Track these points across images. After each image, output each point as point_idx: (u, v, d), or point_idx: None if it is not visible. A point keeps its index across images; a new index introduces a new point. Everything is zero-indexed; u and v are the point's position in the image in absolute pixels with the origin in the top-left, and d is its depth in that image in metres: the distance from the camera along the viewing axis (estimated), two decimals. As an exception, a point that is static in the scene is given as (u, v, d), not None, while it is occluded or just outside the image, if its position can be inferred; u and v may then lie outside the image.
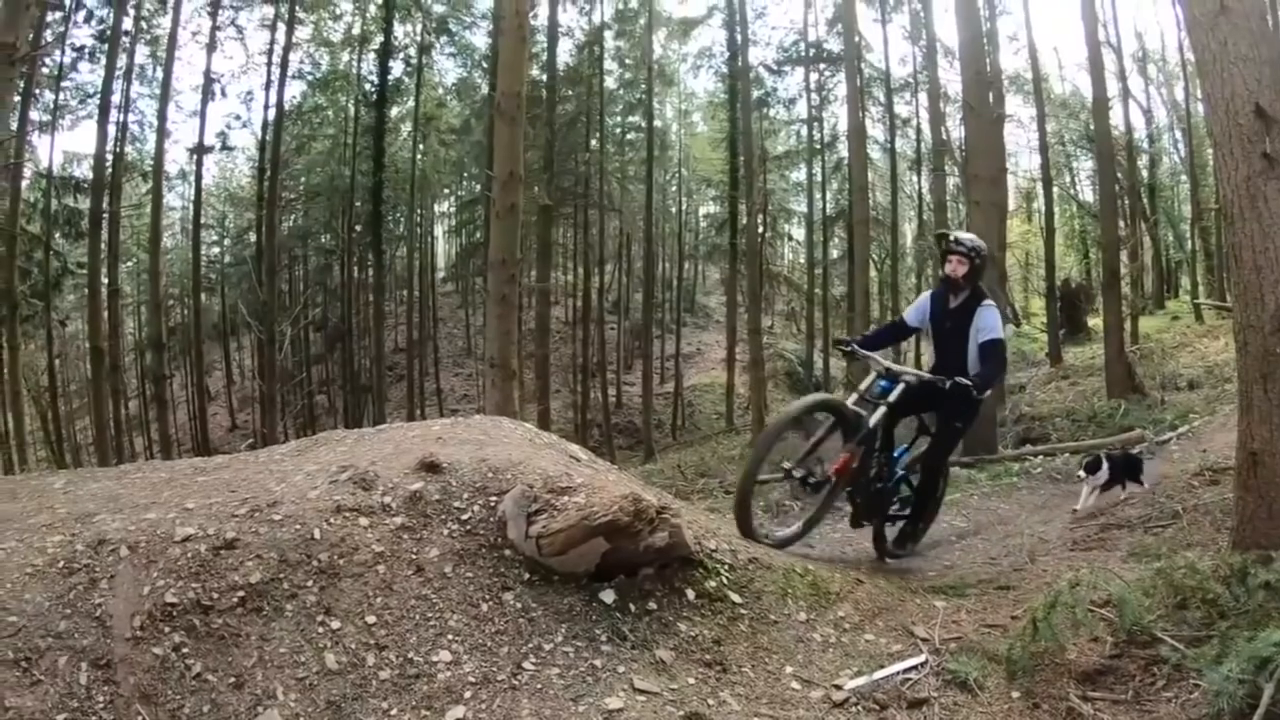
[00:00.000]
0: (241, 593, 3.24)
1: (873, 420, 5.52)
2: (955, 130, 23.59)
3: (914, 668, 3.74)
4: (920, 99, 27.34)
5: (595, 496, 3.67)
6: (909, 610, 4.35)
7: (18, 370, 21.74)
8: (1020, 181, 29.83)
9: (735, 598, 3.90)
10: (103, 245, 22.39)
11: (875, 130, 27.38)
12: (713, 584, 3.89)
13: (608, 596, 3.62)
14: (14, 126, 16.12)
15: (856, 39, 22.52)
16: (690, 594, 3.80)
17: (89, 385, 26.53)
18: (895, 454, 6.04)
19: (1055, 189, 26.76)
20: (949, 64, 23.13)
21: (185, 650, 3.06)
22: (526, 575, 3.60)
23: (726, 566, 4.04)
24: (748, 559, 4.19)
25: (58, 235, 23.70)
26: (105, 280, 22.57)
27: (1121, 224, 22.73)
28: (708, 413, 28.41)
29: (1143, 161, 27.22)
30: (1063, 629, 3.69)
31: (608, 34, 28.55)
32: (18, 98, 15.73)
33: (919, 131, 27.97)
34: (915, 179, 29.47)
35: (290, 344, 27.45)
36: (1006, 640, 3.86)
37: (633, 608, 3.64)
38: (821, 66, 28.51)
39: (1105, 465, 7.55)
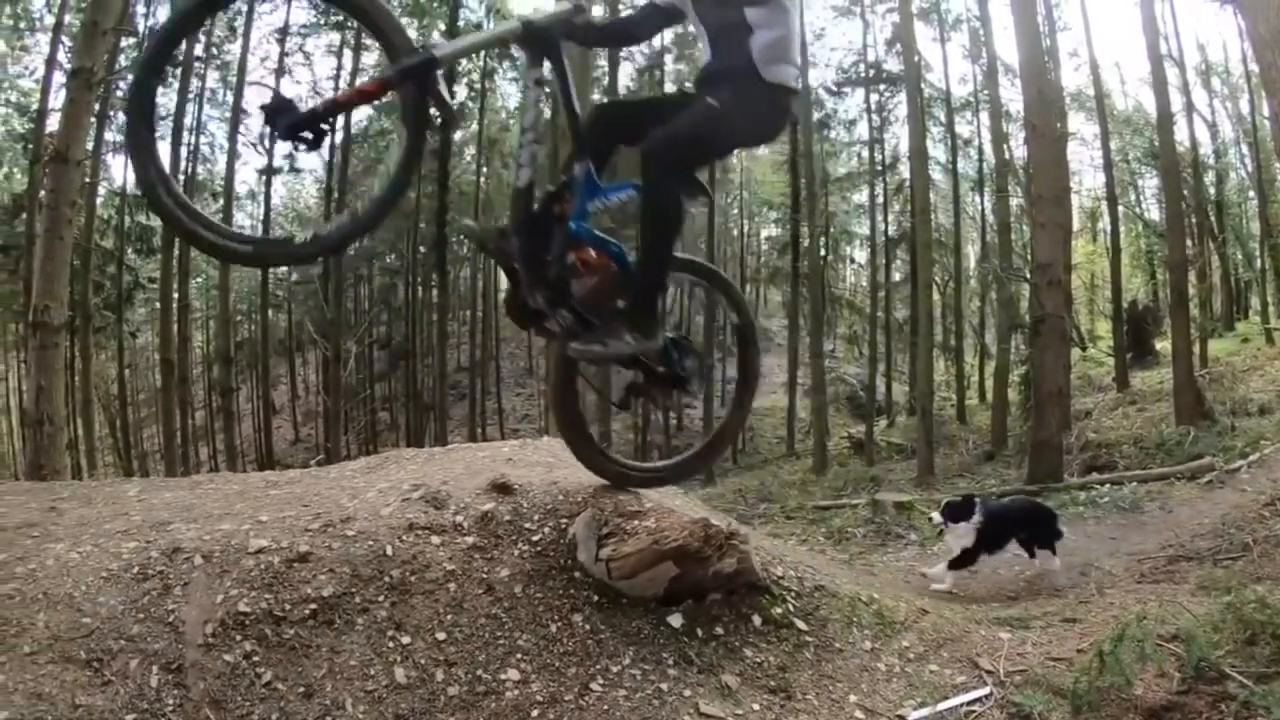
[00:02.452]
0: (314, 605, 3.28)
1: None
2: (1018, 149, 23.10)
3: (978, 700, 3.66)
4: (981, 118, 26.75)
5: (665, 521, 3.66)
6: (974, 641, 4.25)
7: (89, 379, 22.47)
8: (1084, 201, 29.18)
9: (801, 625, 3.86)
10: (174, 261, 22.98)
11: (936, 151, 26.88)
12: (779, 611, 3.86)
13: (675, 621, 3.61)
14: (90, 147, 16.66)
15: (916, 58, 22.25)
16: (756, 620, 3.77)
17: (157, 395, 27.33)
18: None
19: (1120, 208, 25.99)
20: (1010, 82, 22.66)
21: (256, 659, 3.10)
22: (595, 597, 3.60)
23: (793, 593, 4.01)
24: (814, 586, 4.15)
25: (130, 251, 24.56)
26: (176, 295, 23.13)
27: (1189, 243, 22.06)
28: (768, 437, 28.19)
29: (1209, 178, 26.20)
30: (1129, 664, 3.56)
31: (667, 58, 28.60)
32: (93, 119, 16.19)
33: (981, 151, 27.28)
34: (978, 200, 28.91)
35: (355, 361, 27.89)
36: (1072, 674, 3.74)
37: (699, 632, 3.62)
38: (881, 87, 28.21)
39: (977, 514, 6.40)
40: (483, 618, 3.41)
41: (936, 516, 6.60)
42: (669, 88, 28.85)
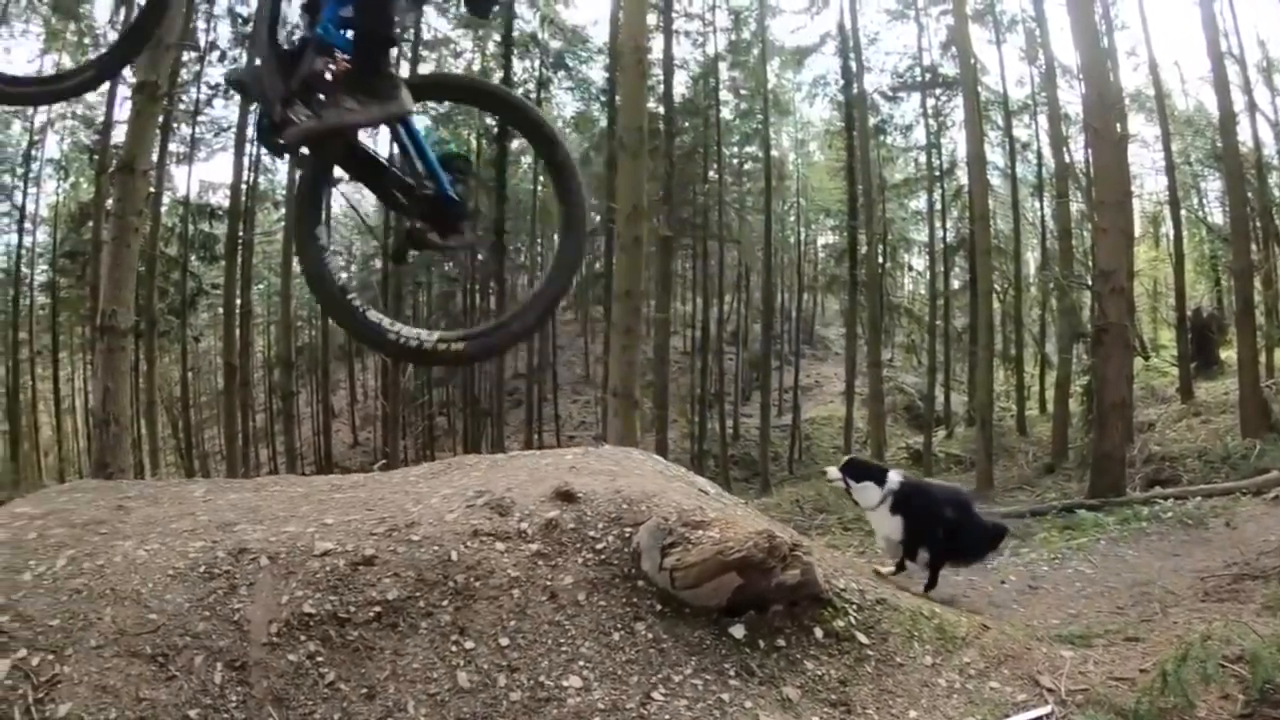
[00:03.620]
0: (378, 608, 3.32)
1: None
2: (1077, 153, 22.65)
3: (1039, 719, 3.60)
4: (1040, 121, 26.04)
5: (729, 531, 3.64)
6: (1035, 659, 4.17)
7: (154, 381, 23.00)
8: (1145, 205, 28.27)
9: (862, 638, 3.82)
10: (237, 269, 23.57)
11: (994, 155, 26.07)
12: (840, 624, 3.82)
13: (738, 631, 3.59)
14: (154, 158, 17.11)
15: (972, 61, 21.90)
16: (818, 633, 3.74)
17: (219, 398, 27.97)
18: None
19: (1183, 212, 25.19)
20: (1067, 84, 22.26)
21: (320, 659, 3.16)
22: (658, 606, 3.59)
23: (854, 606, 3.97)
24: (875, 599, 4.10)
25: (193, 258, 25.19)
26: (238, 301, 23.66)
27: (1254, 248, 21.34)
28: (825, 447, 27.87)
29: (1274, 179, 25.49)
30: (1192, 684, 3.49)
31: (722, 65, 28.48)
32: (157, 131, 16.63)
33: (1040, 155, 26.55)
34: (1038, 205, 28.24)
35: (413, 367, 28.19)
36: (1134, 694, 3.67)
37: (761, 644, 3.59)
38: (937, 91, 27.61)
39: (891, 481, 5.75)
40: (546, 624, 3.42)
41: (833, 471, 6.03)
42: (724, 95, 28.90)
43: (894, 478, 5.90)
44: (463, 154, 3.32)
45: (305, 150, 3.03)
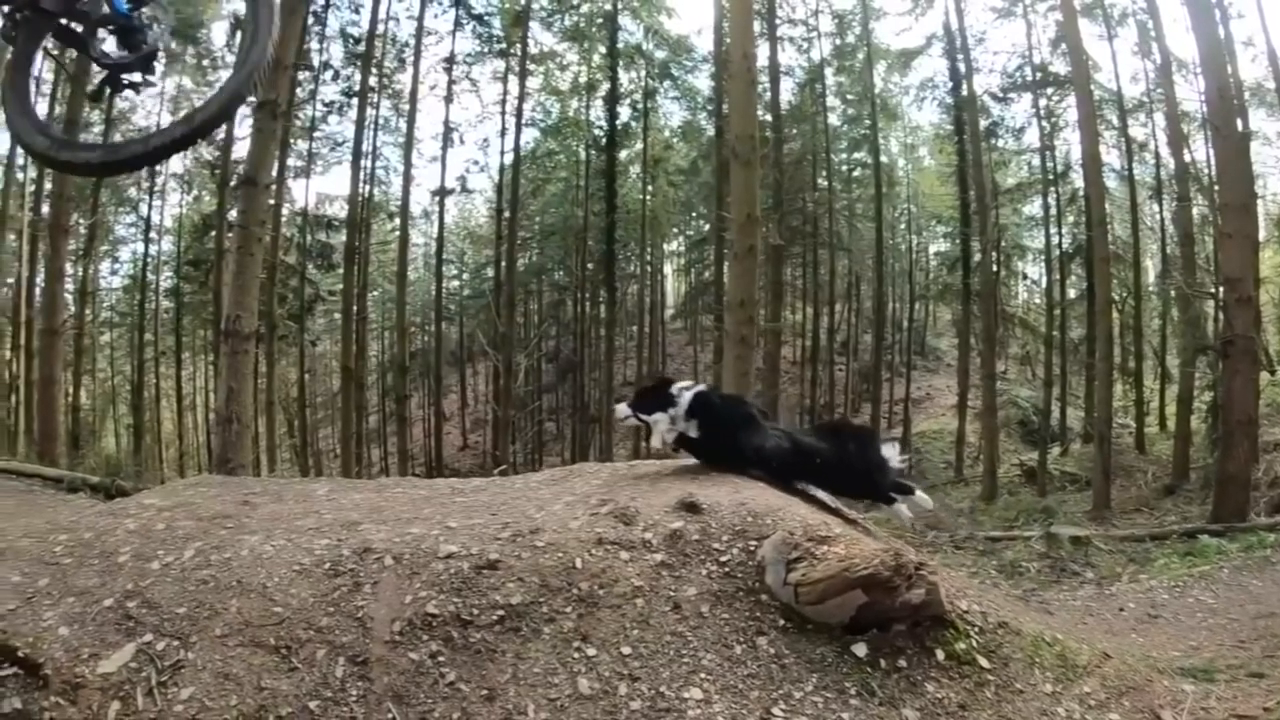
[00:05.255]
0: (501, 611, 3.35)
1: None
2: (1197, 152, 21.64)
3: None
4: (1156, 119, 24.84)
5: (855, 548, 3.58)
6: (1156, 692, 4.00)
7: (273, 382, 23.98)
8: (1270, 207, 26.74)
9: (983, 662, 3.69)
10: (354, 277, 24.46)
11: (1110, 156, 25.20)
12: (962, 646, 3.70)
13: (860, 650, 3.51)
14: (274, 172, 17.83)
15: (1084, 58, 21.10)
16: (940, 654, 3.62)
17: (334, 399, 28.97)
18: None
19: (1311, 213, 24.07)
20: (1184, 79, 21.30)
21: (441, 659, 3.20)
22: (781, 622, 3.53)
23: (976, 629, 3.84)
24: (997, 623, 3.97)
25: (310, 266, 26.25)
26: (355, 308, 24.46)
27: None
28: (936, 461, 27.30)
29: None
30: (1318, 726, 3.34)
31: (828, 70, 28.35)
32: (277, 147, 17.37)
33: (1158, 156, 25.30)
34: (1156, 209, 26.73)
35: (524, 373, 28.68)
36: (1258, 734, 3.52)
37: (883, 663, 3.50)
38: (1049, 90, 26.63)
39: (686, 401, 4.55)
40: (668, 635, 3.40)
41: (622, 409, 4.89)
42: (831, 101, 28.63)
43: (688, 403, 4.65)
44: None
45: None
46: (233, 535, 3.90)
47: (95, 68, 3.85)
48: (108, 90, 3.94)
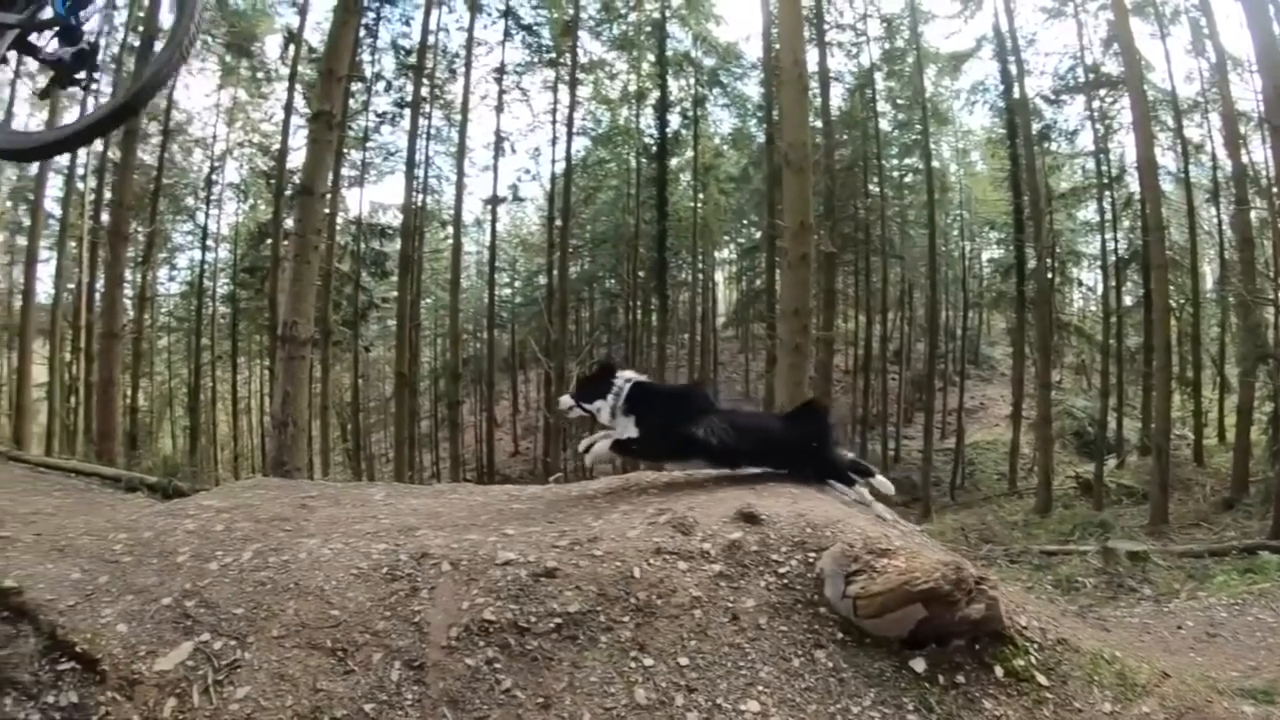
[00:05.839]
0: (558, 619, 3.36)
1: None
2: (1255, 153, 20.77)
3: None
4: (1212, 120, 23.99)
5: (915, 561, 3.54)
6: (1215, 713, 3.88)
7: (327, 387, 24.35)
8: None
9: (1042, 680, 3.63)
10: (409, 284, 24.87)
11: (1165, 159, 24.17)
12: (1020, 663, 3.64)
13: (918, 665, 3.47)
14: (329, 182, 18.19)
15: (1136, 58, 20.63)
16: (998, 671, 3.56)
17: (385, 404, 29.35)
18: None
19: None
20: (1239, 77, 20.81)
21: (497, 665, 3.21)
22: (839, 635, 3.50)
23: (1035, 645, 3.78)
24: (1056, 639, 3.90)
25: (364, 273, 26.69)
26: (409, 314, 24.80)
27: None
28: (989, 472, 26.94)
29: None
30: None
31: (877, 75, 28.01)
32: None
33: (1214, 158, 24.34)
34: (1214, 212, 25.58)
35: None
36: (1318, 759, 3.42)
37: (941, 679, 3.46)
38: (1101, 92, 25.82)
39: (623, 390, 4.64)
40: (726, 646, 3.38)
41: (565, 400, 4.89)
42: (881, 106, 28.40)
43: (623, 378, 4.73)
44: None
45: None
46: (291, 538, 3.97)
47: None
48: (56, 89, 4.08)
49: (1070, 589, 9.07)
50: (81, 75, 3.88)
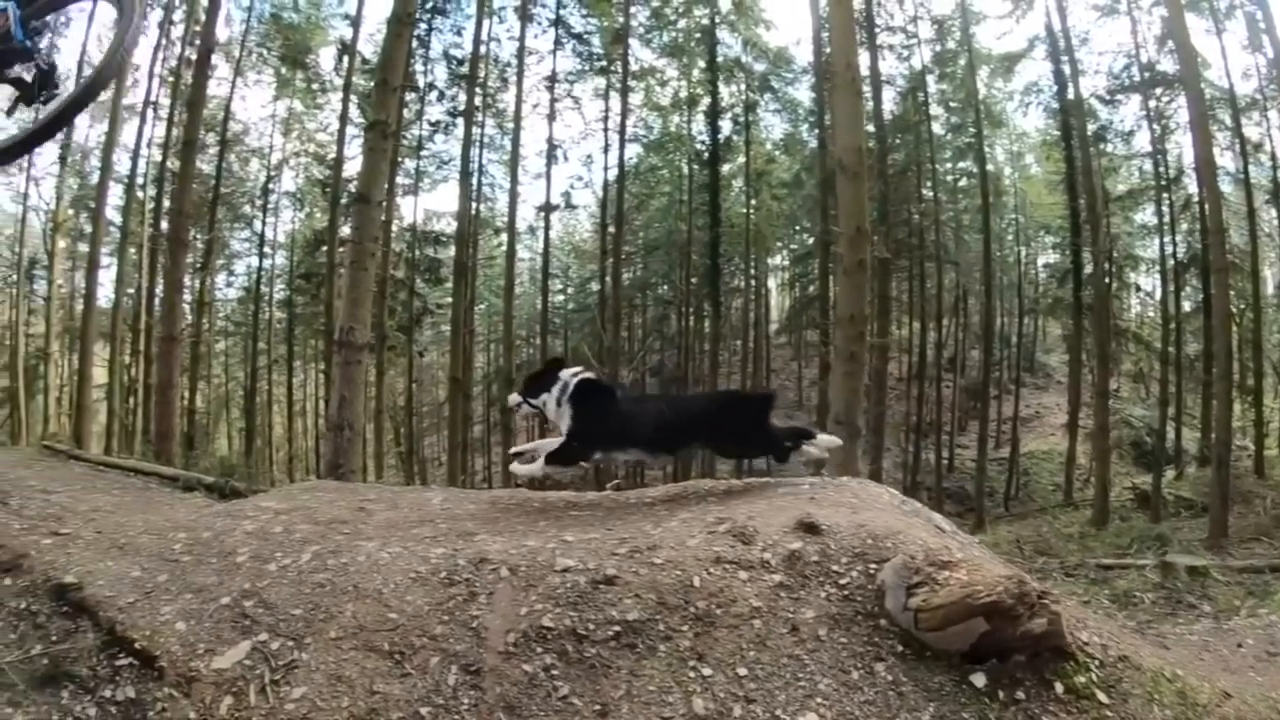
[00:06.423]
0: (617, 627, 3.35)
1: None
2: None
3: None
4: (1271, 118, 23.59)
5: (977, 574, 3.50)
6: None
7: (382, 391, 24.68)
8: None
9: (1102, 697, 3.55)
10: (463, 291, 25.20)
11: (1224, 159, 23.70)
12: (1081, 679, 3.56)
13: (978, 680, 3.41)
14: (385, 190, 18.48)
15: (1192, 55, 20.13)
16: (1059, 687, 3.49)
17: (438, 409, 29.69)
18: None
19: None
20: None
21: (555, 672, 3.21)
22: (899, 648, 3.46)
23: (1096, 662, 3.71)
24: (1117, 656, 3.82)
25: (419, 280, 27.06)
26: (463, 320, 25.10)
27: None
28: (1044, 483, 26.52)
29: None
30: None
31: (929, 78, 27.74)
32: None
33: (1274, 157, 23.87)
34: (1275, 214, 25.31)
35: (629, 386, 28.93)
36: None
37: (1001, 695, 3.40)
38: (1157, 91, 25.29)
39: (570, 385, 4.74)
40: (785, 657, 3.35)
41: (513, 397, 5.02)
42: (933, 109, 28.14)
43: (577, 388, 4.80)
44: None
45: None
46: (349, 540, 4.02)
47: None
48: (22, 105, 4.62)
49: (1128, 604, 8.87)
50: (45, 93, 4.50)
